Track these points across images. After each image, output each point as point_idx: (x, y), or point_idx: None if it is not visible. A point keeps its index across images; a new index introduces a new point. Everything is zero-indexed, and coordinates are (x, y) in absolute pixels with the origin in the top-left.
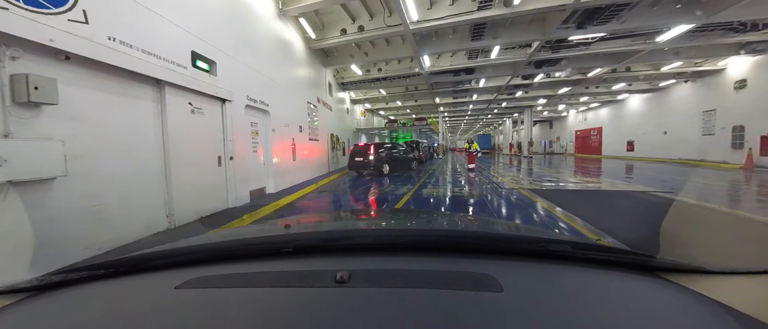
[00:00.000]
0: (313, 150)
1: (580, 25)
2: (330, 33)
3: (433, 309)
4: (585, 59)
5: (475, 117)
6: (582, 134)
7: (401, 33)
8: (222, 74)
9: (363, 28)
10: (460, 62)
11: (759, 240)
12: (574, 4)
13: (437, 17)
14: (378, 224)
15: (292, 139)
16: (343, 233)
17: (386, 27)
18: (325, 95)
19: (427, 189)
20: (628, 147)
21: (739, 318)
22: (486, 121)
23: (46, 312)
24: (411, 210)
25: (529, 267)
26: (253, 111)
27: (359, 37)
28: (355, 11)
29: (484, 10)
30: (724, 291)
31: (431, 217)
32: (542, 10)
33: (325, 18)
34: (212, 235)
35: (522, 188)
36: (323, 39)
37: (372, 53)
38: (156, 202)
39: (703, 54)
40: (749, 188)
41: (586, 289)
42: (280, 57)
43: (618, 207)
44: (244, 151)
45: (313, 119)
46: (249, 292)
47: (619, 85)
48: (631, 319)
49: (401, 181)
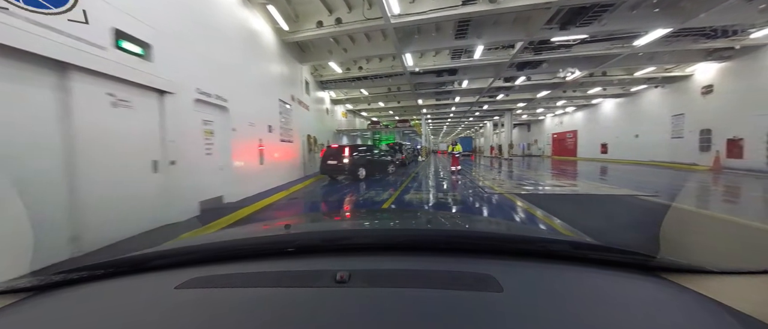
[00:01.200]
0: (285, 153)
1: (563, 26)
2: (305, 25)
3: (433, 309)
4: (565, 62)
5: (457, 120)
6: (559, 136)
7: (382, 27)
8: (162, 61)
9: (341, 20)
10: (444, 62)
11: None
12: (559, 3)
13: (420, 11)
14: (378, 224)
15: (258, 140)
16: (343, 233)
17: (366, 20)
18: (302, 94)
19: (410, 195)
20: (602, 149)
21: (739, 318)
22: (468, 123)
23: (46, 312)
24: (411, 210)
25: (529, 267)
26: (206, 107)
27: (337, 30)
28: (333, 2)
29: (468, 5)
30: (724, 291)
31: (431, 217)
32: (527, 7)
33: (300, 8)
34: (212, 235)
35: (509, 193)
36: (298, 31)
37: (352, 50)
38: (53, 223)
39: (675, 60)
40: (731, 189)
41: (586, 289)
42: (245, 48)
43: (611, 214)
44: (194, 154)
45: (286, 118)
46: (249, 292)
47: (594, 89)
48: (631, 319)
49: (381, 186)
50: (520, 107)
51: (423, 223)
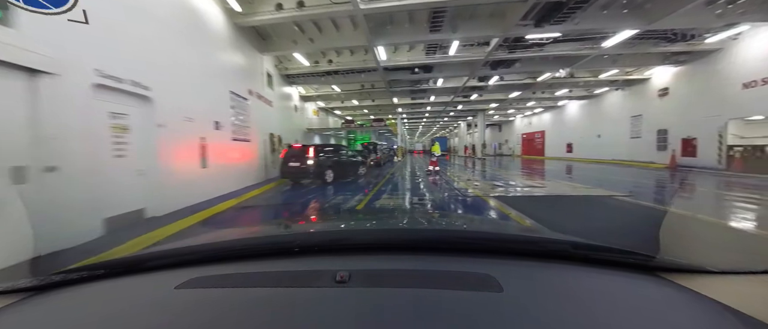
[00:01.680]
0: (239, 153)
1: (538, 23)
2: (262, 7)
3: (433, 309)
4: (537, 62)
5: (432, 120)
6: (528, 137)
7: (351, 14)
8: (38, 29)
9: (303, 3)
10: (418, 58)
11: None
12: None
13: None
14: (378, 224)
15: (199, 139)
16: (343, 233)
17: (331, 4)
18: (263, 87)
19: (383, 201)
20: (567, 149)
21: (739, 317)
22: (443, 123)
23: (46, 312)
24: (411, 210)
25: (529, 267)
26: (115, 95)
27: (299, 14)
28: None
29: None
30: (724, 290)
31: (431, 217)
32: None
33: None
34: (212, 235)
35: (488, 196)
36: (253, 14)
37: (319, 39)
38: None
39: (636, 63)
40: (689, 184)
41: (585, 289)
42: (181, 27)
43: (590, 215)
44: (93, 155)
45: (241, 114)
46: (249, 292)
47: (562, 91)
48: (631, 319)
49: (350, 190)
50: (492, 108)
51: (423, 223)
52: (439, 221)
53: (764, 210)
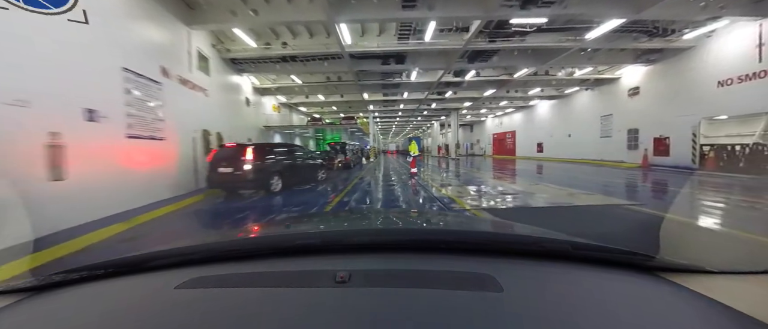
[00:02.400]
0: (146, 156)
1: (524, 5)
2: None
3: (433, 309)
4: (515, 57)
5: (405, 119)
6: (499, 137)
7: None
8: None
9: None
10: (390, 43)
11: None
12: None
13: None
14: (378, 224)
15: (47, 134)
16: (343, 233)
17: None
18: (188, 69)
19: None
20: (538, 149)
21: (739, 318)
22: (416, 123)
23: (46, 312)
24: (411, 210)
25: (529, 267)
26: None
27: None
28: None
29: None
30: (724, 291)
31: (431, 217)
32: None
33: None
34: (212, 235)
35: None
36: None
37: (265, 11)
38: None
39: (610, 60)
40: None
41: (586, 289)
42: None
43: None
44: None
45: (146, 101)
46: (249, 292)
47: (534, 90)
48: (631, 319)
49: (303, 203)
50: (466, 107)
51: (423, 223)
52: (440, 220)
53: None
